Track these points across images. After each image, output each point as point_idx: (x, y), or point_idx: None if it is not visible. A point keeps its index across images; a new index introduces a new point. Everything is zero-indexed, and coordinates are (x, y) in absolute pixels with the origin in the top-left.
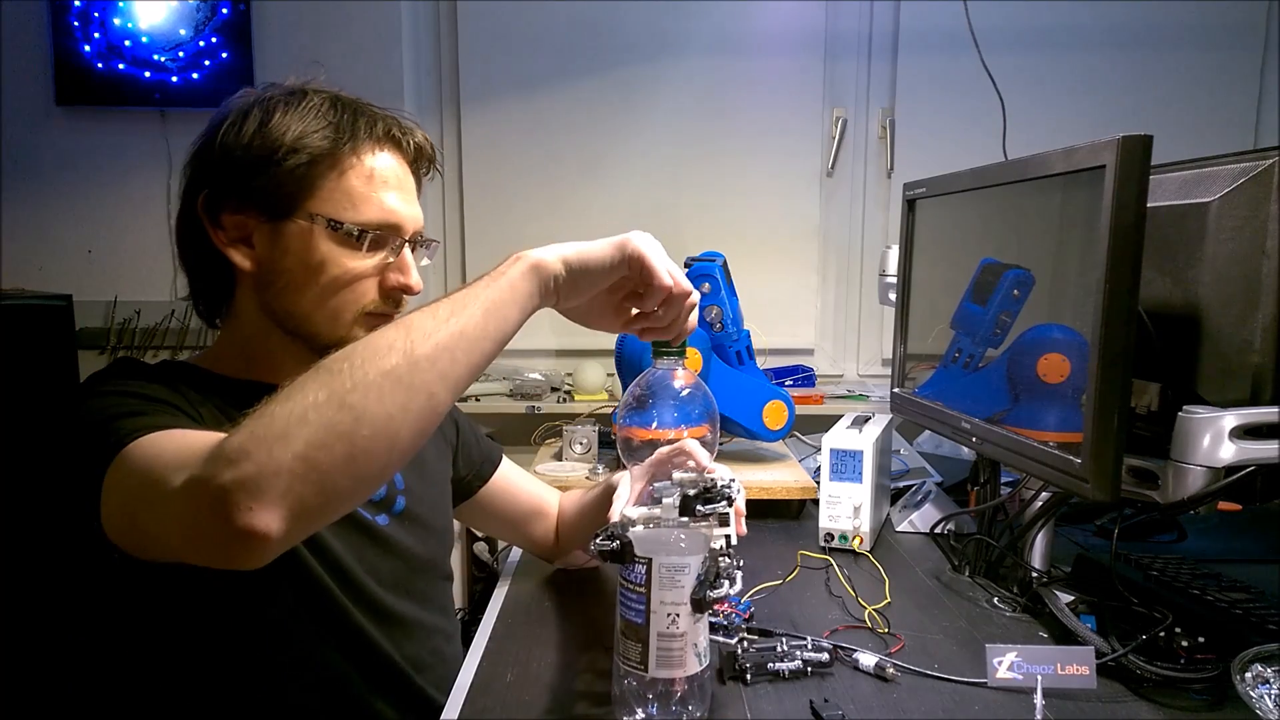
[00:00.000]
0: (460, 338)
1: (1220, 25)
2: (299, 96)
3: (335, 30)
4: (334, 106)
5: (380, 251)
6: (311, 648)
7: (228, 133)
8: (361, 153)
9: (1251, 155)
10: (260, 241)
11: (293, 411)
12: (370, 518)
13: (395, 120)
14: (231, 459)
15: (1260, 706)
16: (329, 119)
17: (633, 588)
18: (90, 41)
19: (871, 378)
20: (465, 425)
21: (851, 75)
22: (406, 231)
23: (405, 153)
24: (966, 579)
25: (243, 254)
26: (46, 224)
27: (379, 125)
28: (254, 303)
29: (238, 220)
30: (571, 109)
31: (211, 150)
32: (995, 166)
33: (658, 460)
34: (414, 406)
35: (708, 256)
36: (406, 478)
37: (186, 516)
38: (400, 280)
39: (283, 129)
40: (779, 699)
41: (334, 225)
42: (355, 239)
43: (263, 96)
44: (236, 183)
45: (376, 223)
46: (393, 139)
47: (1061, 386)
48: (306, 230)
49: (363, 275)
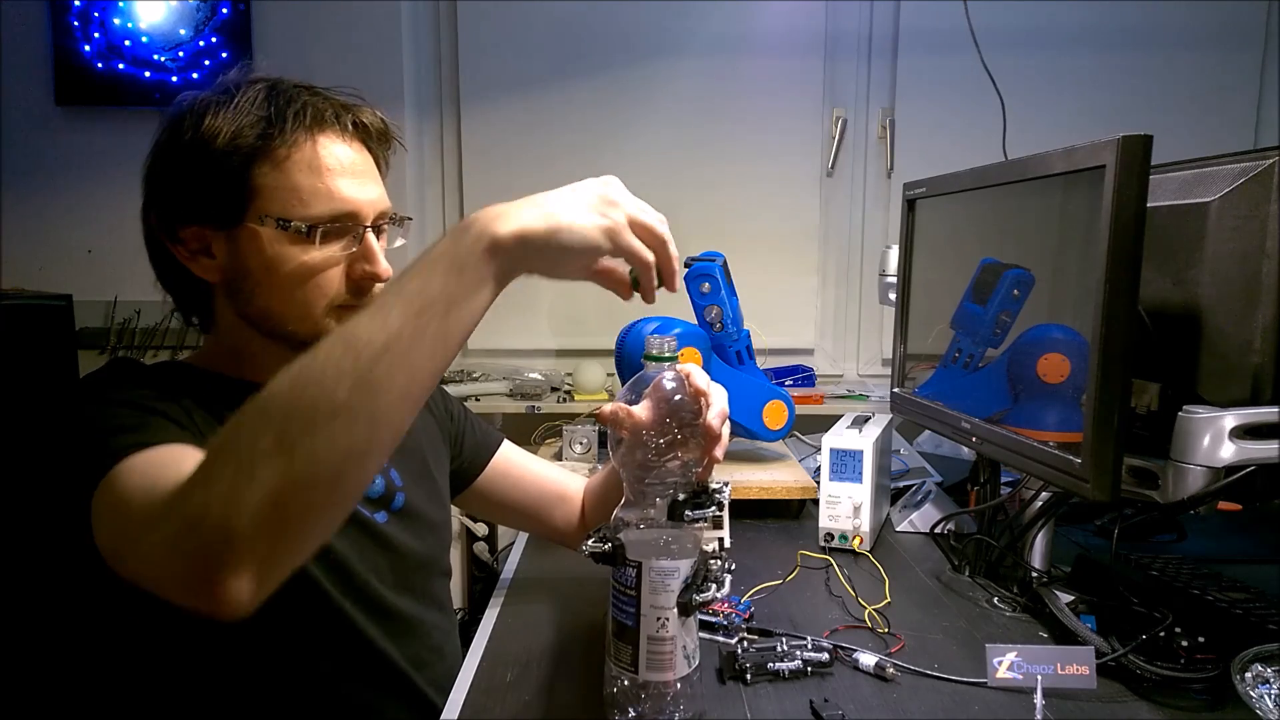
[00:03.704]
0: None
1: (1220, 25)
2: (232, 93)
3: (335, 30)
4: (269, 98)
5: (340, 241)
6: (310, 647)
7: (166, 147)
8: (298, 143)
9: (1251, 155)
10: (219, 251)
11: (242, 465)
12: (369, 515)
13: (332, 102)
14: (193, 524)
15: (1260, 706)
16: (260, 113)
17: (623, 590)
18: (90, 41)
19: (871, 378)
20: (460, 414)
21: (851, 75)
22: (366, 217)
23: (349, 134)
24: (966, 579)
25: (205, 266)
26: (46, 224)
27: (308, 111)
28: (229, 309)
29: (194, 232)
30: (571, 109)
31: (155, 168)
32: (995, 166)
33: (658, 394)
34: (376, 436)
35: (708, 256)
36: (405, 473)
37: (164, 581)
38: (365, 269)
39: (214, 132)
40: (779, 699)
41: (283, 224)
42: (306, 235)
43: (195, 101)
44: (180, 196)
45: (329, 215)
46: (338, 123)
47: (1061, 386)
48: (259, 233)
49: (325, 268)
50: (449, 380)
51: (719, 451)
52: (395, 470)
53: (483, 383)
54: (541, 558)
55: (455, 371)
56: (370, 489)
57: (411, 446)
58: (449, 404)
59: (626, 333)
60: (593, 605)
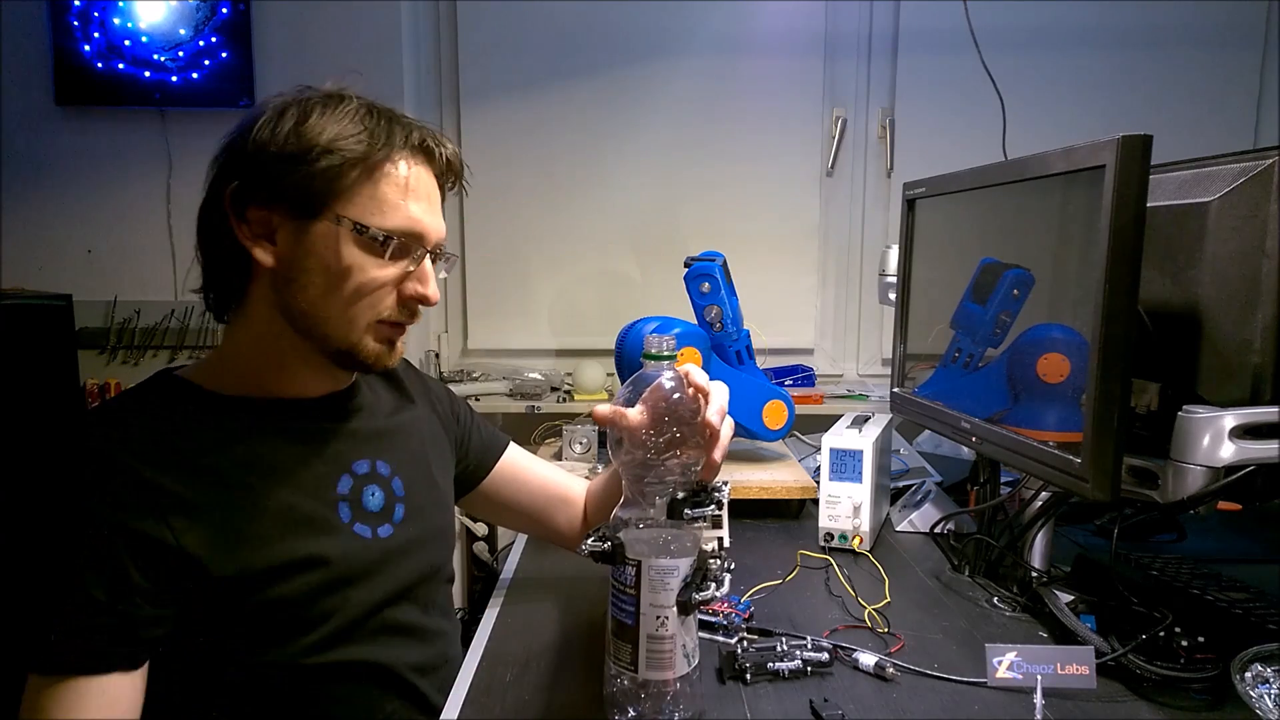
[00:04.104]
0: None
1: (1220, 25)
2: (336, 100)
3: (335, 30)
4: (370, 113)
5: (402, 260)
6: (317, 664)
7: (262, 129)
8: (395, 160)
9: (1251, 155)
10: (284, 239)
11: None
12: (372, 530)
13: (430, 132)
14: None
15: (1260, 706)
16: (365, 124)
17: (623, 589)
18: (90, 41)
19: (871, 377)
20: (467, 416)
21: (851, 75)
22: (430, 242)
23: (436, 164)
24: (966, 579)
25: (265, 250)
26: (46, 224)
27: (414, 134)
28: (268, 300)
29: (263, 215)
30: (571, 109)
31: (245, 144)
32: (995, 166)
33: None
34: None
35: (708, 256)
36: (407, 483)
37: None
38: (418, 290)
39: (318, 130)
40: (779, 699)
41: (360, 229)
42: (380, 245)
43: (299, 97)
44: (266, 178)
45: (402, 230)
46: (426, 150)
47: (1061, 386)
48: (332, 232)
49: (383, 283)
50: (449, 380)
51: (719, 453)
52: (399, 479)
53: (483, 382)
54: (541, 558)
55: (455, 371)
56: (371, 503)
57: (416, 452)
58: (455, 406)
59: (626, 333)
60: (592, 605)
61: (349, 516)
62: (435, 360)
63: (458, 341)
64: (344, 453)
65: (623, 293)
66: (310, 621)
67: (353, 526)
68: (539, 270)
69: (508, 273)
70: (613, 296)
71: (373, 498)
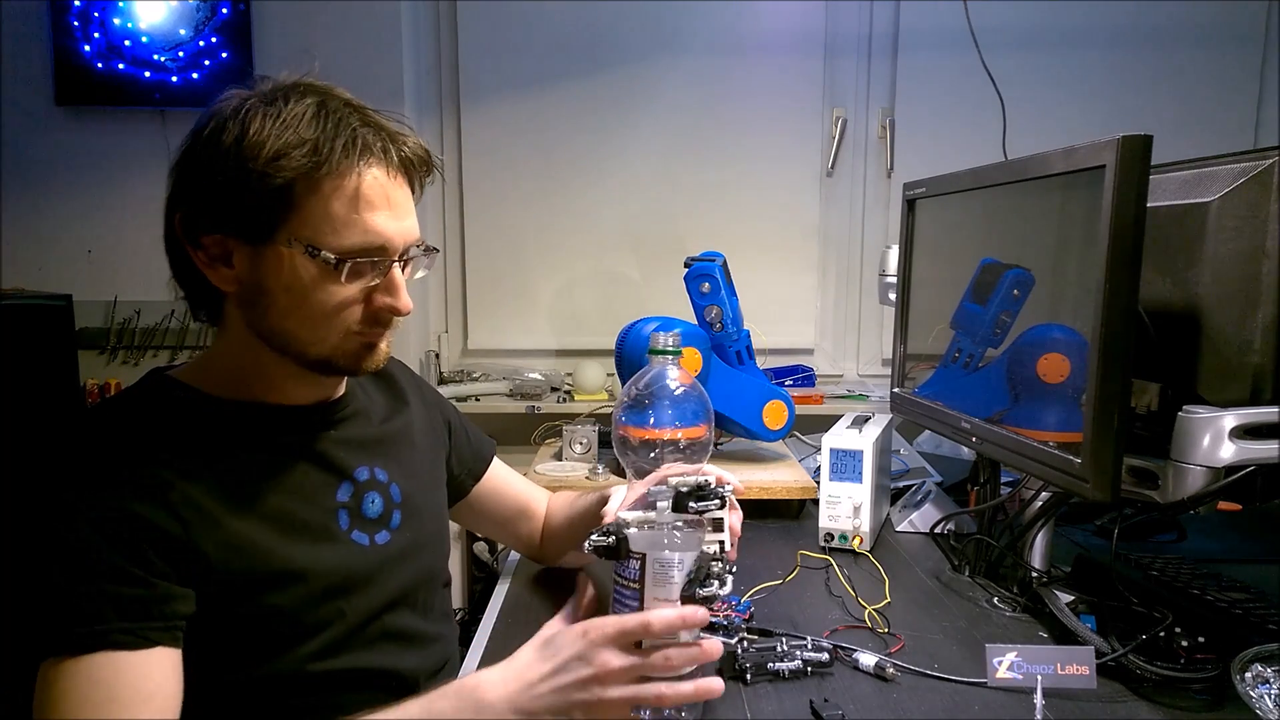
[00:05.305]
0: None
1: (1220, 25)
2: (281, 102)
3: (335, 30)
4: (319, 114)
5: (363, 278)
6: (320, 672)
7: (204, 149)
8: (344, 173)
9: (1251, 155)
10: (240, 262)
11: None
12: (369, 537)
13: (383, 132)
14: None
15: (1260, 706)
16: (308, 135)
17: (627, 584)
18: (90, 41)
19: (871, 378)
20: (458, 423)
21: (851, 75)
22: (395, 250)
23: (393, 167)
24: (966, 579)
25: (222, 275)
26: (46, 224)
27: (358, 143)
28: (240, 319)
29: (216, 240)
30: (571, 109)
31: (188, 167)
32: (995, 166)
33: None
34: None
35: (708, 256)
36: (404, 489)
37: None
38: (386, 302)
39: (258, 145)
40: (779, 699)
41: (312, 251)
42: (333, 268)
43: (242, 104)
44: (212, 204)
45: (360, 247)
46: (376, 155)
47: (1061, 386)
48: (286, 254)
49: (348, 300)
50: (449, 380)
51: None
52: (396, 485)
53: (483, 383)
54: None
55: (455, 371)
56: (370, 510)
57: (412, 457)
58: (445, 412)
59: (626, 333)
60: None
61: (347, 524)
62: (435, 360)
63: (458, 341)
64: (343, 460)
65: (623, 293)
66: (310, 629)
67: (350, 534)
68: (539, 270)
69: (508, 273)
70: (613, 296)
71: (372, 505)
